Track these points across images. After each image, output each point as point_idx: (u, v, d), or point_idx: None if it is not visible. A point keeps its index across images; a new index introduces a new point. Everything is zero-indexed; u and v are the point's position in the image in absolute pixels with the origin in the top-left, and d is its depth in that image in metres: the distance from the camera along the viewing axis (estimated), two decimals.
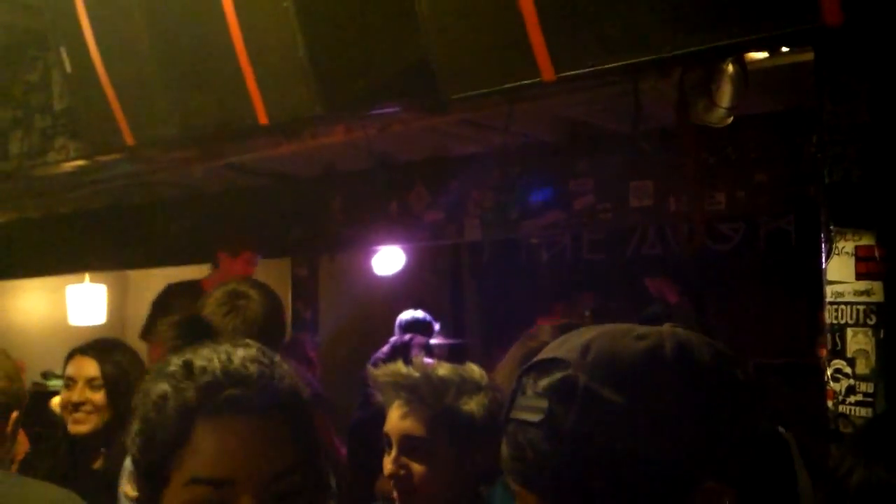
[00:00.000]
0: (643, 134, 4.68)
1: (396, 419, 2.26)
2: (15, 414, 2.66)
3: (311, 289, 6.52)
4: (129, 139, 3.31)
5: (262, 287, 2.99)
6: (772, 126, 4.54)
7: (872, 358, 2.65)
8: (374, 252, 6.70)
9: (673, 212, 4.90)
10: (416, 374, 2.24)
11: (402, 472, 2.22)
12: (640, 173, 4.97)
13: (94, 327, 8.11)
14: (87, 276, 8.70)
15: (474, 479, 2.25)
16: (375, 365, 2.48)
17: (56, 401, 3.82)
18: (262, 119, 2.89)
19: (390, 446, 2.26)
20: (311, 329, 6.54)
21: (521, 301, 7.53)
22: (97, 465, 3.41)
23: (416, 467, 2.21)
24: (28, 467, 3.30)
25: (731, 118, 3.28)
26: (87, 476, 3.23)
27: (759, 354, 5.98)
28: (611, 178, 5.05)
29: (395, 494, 2.25)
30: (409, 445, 2.23)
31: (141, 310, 9.43)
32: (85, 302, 8.79)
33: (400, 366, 2.28)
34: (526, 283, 7.54)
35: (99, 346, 3.68)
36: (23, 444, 3.83)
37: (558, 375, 1.17)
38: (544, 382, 1.18)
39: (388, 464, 2.25)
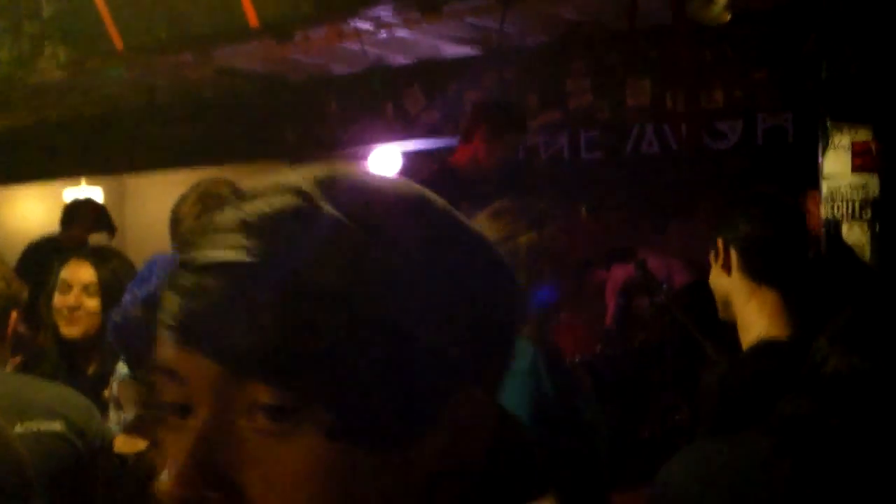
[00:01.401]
0: (641, 32, 4.65)
1: None
2: (14, 314, 2.67)
3: None
4: (117, 43, 3.27)
5: (236, 188, 3.01)
6: (770, 23, 4.49)
7: (867, 252, 2.67)
8: (371, 152, 6.66)
9: (670, 110, 4.87)
10: None
11: None
12: (637, 72, 4.93)
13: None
14: (83, 180, 8.69)
15: None
16: None
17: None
18: (253, 21, 2.85)
19: None
20: None
21: (517, 199, 7.52)
22: (90, 370, 3.43)
23: None
24: (20, 371, 3.32)
25: (729, 16, 3.23)
26: (81, 380, 3.24)
27: None
28: (607, 77, 5.02)
29: None
30: None
31: (139, 216, 9.50)
32: None
33: None
34: (524, 182, 7.51)
35: (97, 251, 3.69)
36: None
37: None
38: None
39: None
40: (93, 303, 3.52)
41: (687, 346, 3.40)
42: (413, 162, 7.17)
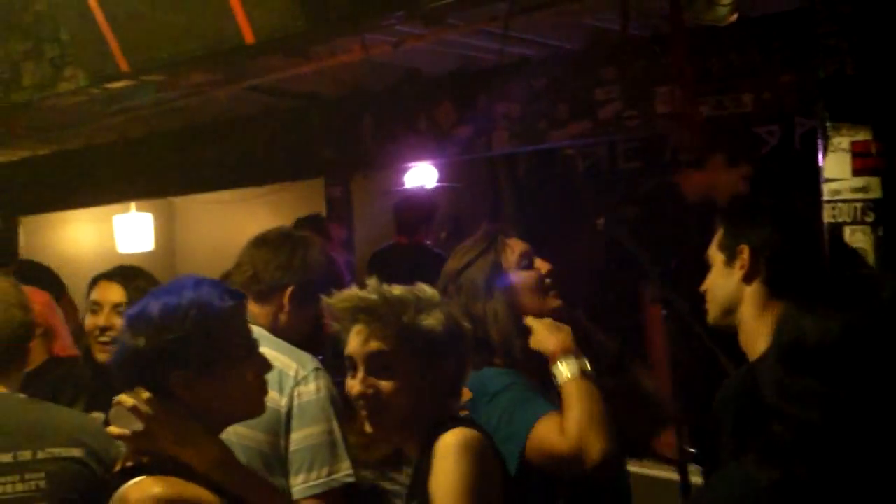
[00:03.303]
0: (660, 37, 4.62)
1: (359, 343, 2.31)
2: (34, 342, 2.74)
3: (345, 209, 6.55)
4: (122, 65, 3.33)
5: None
6: (795, 23, 4.43)
7: (871, 256, 2.62)
8: (407, 169, 6.70)
9: (701, 117, 4.82)
10: (374, 297, 2.30)
11: (370, 391, 2.28)
12: (666, 78, 4.89)
13: (143, 254, 8.25)
14: (132, 205, 8.83)
15: (439, 394, 2.31)
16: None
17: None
18: (249, 37, 2.88)
19: (354, 369, 2.32)
20: (346, 249, 6.59)
21: (559, 213, 7.50)
22: None
23: (384, 384, 2.27)
24: (50, 394, 3.37)
25: (735, 16, 3.20)
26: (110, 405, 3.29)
27: None
28: (636, 84, 4.99)
29: (363, 414, 2.31)
30: (374, 363, 2.28)
31: (188, 236, 9.63)
32: (132, 230, 8.95)
33: (356, 291, 2.34)
34: (563, 194, 7.50)
35: (124, 272, 3.75)
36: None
37: None
38: None
39: (354, 386, 2.31)
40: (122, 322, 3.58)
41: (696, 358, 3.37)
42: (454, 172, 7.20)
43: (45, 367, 3.66)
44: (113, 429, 2.17)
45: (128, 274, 3.74)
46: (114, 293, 3.65)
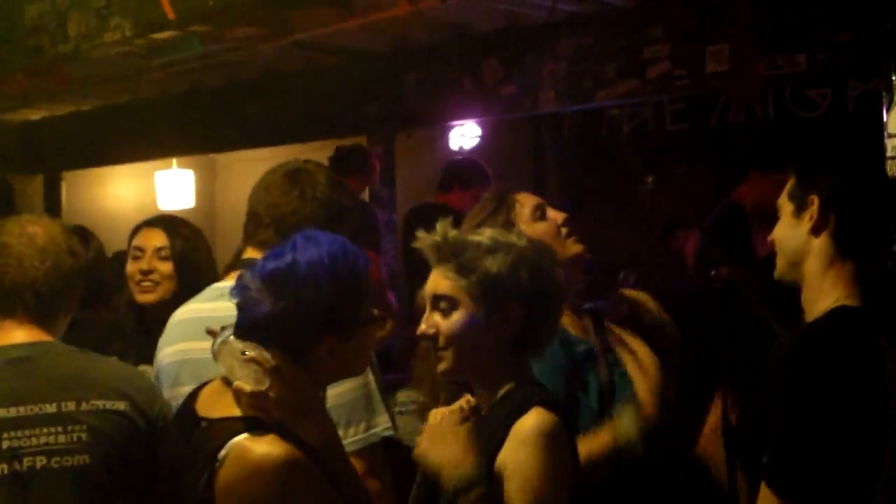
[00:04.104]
0: None
1: (429, 282, 2.33)
2: (79, 290, 2.70)
3: (387, 167, 6.51)
4: (169, 12, 3.28)
5: (320, 165, 2.98)
6: None
7: None
8: (451, 128, 6.63)
9: (753, 76, 4.72)
10: (438, 238, 2.30)
11: (431, 329, 2.29)
12: (716, 37, 4.79)
13: (184, 211, 8.26)
14: (174, 161, 8.84)
15: (511, 342, 2.28)
16: None
17: None
18: None
19: (425, 310, 2.33)
20: (387, 206, 6.55)
21: (603, 174, 7.43)
22: None
23: (443, 321, 2.27)
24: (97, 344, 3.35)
25: None
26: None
27: None
28: (686, 43, 4.89)
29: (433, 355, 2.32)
30: (438, 302, 2.29)
31: (228, 194, 9.64)
32: (173, 187, 8.96)
33: (428, 232, 2.33)
34: (608, 155, 7.43)
35: (165, 219, 3.73)
36: None
37: None
38: None
39: (421, 325, 2.32)
40: (166, 267, 3.56)
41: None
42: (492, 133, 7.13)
43: (87, 318, 3.62)
44: (240, 384, 2.06)
45: (170, 221, 3.72)
46: (156, 238, 3.63)
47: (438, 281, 2.29)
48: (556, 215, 2.83)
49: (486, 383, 2.30)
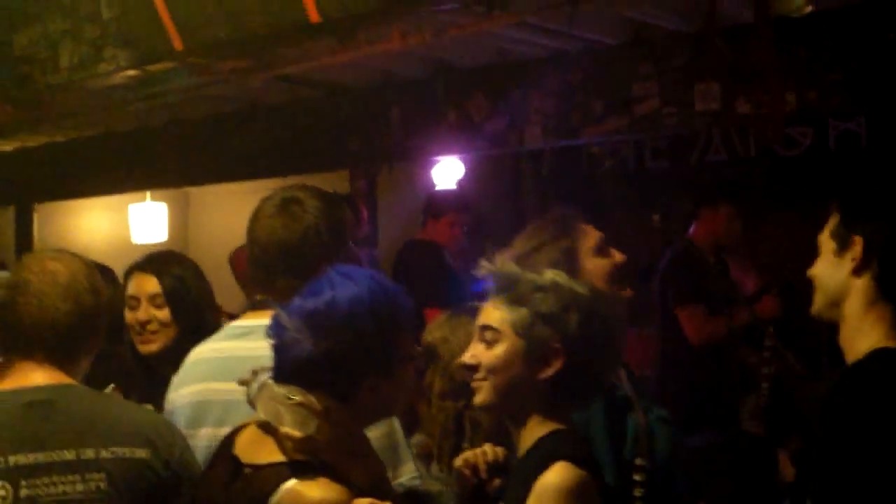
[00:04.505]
0: (710, 33, 4.53)
1: (481, 312, 2.30)
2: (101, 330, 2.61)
3: (369, 201, 6.47)
4: (177, 44, 3.21)
5: (315, 190, 2.87)
6: (846, 22, 4.36)
7: None
8: (434, 163, 6.61)
9: (741, 114, 4.74)
10: (495, 267, 2.28)
11: (472, 360, 2.26)
12: (705, 75, 4.81)
13: (157, 245, 8.16)
14: (147, 194, 8.74)
15: (550, 386, 2.22)
16: None
17: None
18: (314, 16, 2.77)
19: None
20: (370, 242, 6.50)
21: (583, 211, 7.41)
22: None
23: (485, 353, 2.24)
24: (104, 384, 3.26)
25: (809, 7, 3.09)
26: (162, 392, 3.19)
27: None
28: (675, 80, 4.90)
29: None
30: (483, 333, 2.26)
31: (202, 226, 9.55)
32: (147, 220, 8.86)
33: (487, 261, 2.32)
34: (588, 193, 7.42)
35: (156, 260, 3.63)
36: None
37: None
38: None
39: (465, 354, 2.31)
40: (163, 314, 3.46)
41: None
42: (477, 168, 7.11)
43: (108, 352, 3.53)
44: (288, 430, 1.98)
45: (160, 262, 3.62)
46: (148, 284, 3.53)
47: (489, 311, 2.26)
48: (617, 255, 2.73)
49: (520, 424, 2.25)
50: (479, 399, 2.26)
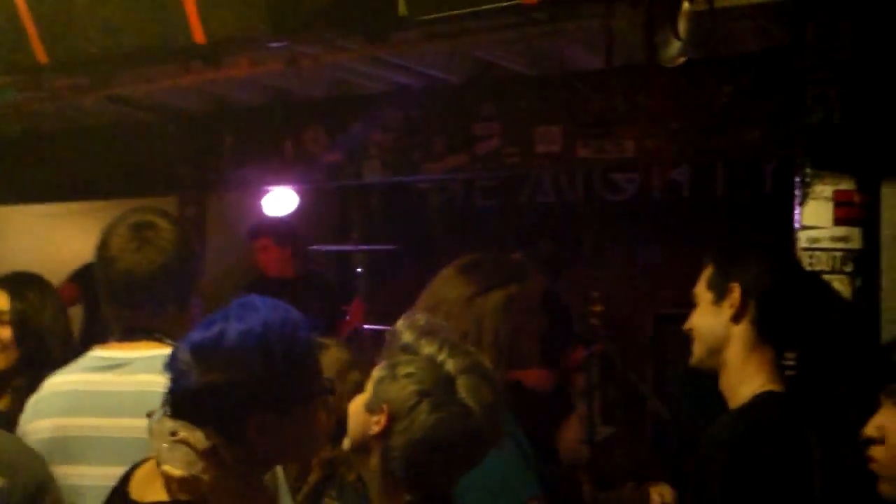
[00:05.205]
0: (546, 78, 4.61)
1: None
2: None
3: (198, 228, 6.27)
4: (41, 56, 3.00)
5: (166, 214, 2.75)
6: (685, 73, 4.49)
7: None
8: (266, 192, 6.48)
9: (581, 158, 4.84)
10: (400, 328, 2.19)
11: None
12: (547, 118, 4.89)
13: None
14: None
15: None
16: None
17: None
18: (198, 37, 2.64)
19: None
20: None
21: (409, 246, 7.39)
22: (1, 405, 3.16)
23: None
24: None
25: (683, 60, 3.17)
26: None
27: (658, 305, 6.01)
28: (517, 122, 4.96)
29: None
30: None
31: (8, 249, 9.02)
32: None
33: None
34: (415, 228, 7.43)
35: (17, 280, 3.42)
36: None
37: None
38: None
39: None
40: (4, 332, 3.27)
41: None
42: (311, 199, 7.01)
43: None
44: (168, 468, 1.86)
45: (17, 282, 3.41)
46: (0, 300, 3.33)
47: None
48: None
49: None
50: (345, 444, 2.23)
